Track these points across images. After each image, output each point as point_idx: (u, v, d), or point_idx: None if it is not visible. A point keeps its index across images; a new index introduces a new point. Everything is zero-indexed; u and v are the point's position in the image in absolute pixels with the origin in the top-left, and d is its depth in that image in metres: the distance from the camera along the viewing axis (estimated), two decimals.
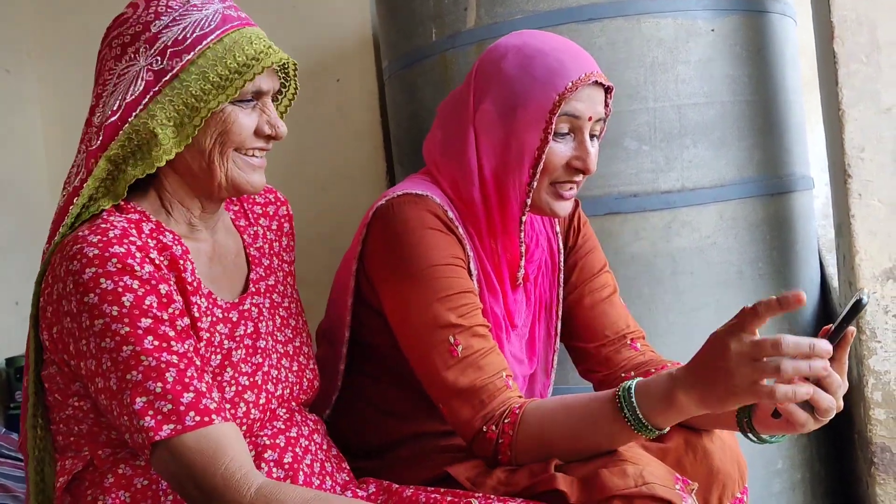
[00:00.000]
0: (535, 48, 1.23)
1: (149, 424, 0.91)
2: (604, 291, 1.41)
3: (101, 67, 1.06)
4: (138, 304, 0.94)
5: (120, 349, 0.92)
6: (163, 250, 1.01)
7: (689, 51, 1.88)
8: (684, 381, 1.03)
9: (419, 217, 1.21)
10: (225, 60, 1.03)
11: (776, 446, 1.95)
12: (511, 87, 1.22)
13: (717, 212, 1.89)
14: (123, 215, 1.03)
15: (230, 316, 1.09)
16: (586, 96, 1.22)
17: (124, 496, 1.00)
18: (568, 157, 1.24)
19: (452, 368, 1.16)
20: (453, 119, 1.30)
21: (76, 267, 0.94)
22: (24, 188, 3.24)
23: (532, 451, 1.14)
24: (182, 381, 0.93)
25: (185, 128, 1.02)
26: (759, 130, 1.95)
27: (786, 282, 1.98)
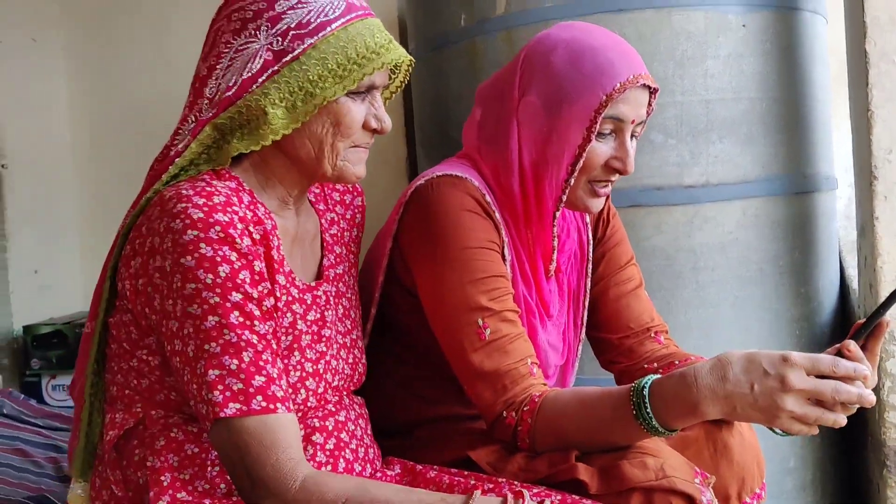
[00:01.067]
0: (586, 44, 1.22)
1: (217, 399, 0.92)
2: (629, 284, 1.42)
3: (216, 39, 1.05)
4: (232, 277, 0.94)
5: (205, 318, 0.93)
6: (258, 223, 1.01)
7: (719, 45, 1.87)
8: (712, 395, 1.04)
9: (457, 199, 1.21)
10: (346, 50, 1.02)
11: (789, 445, 1.95)
12: (558, 82, 1.22)
13: (740, 208, 1.89)
14: (222, 182, 1.03)
15: (305, 298, 1.09)
16: (633, 98, 1.22)
17: (173, 460, 1.01)
18: (607, 156, 1.24)
19: (479, 351, 1.17)
20: (496, 105, 1.30)
21: (178, 226, 0.94)
22: (46, 158, 3.26)
23: (549, 440, 1.15)
24: (256, 364, 0.94)
25: (297, 111, 1.02)
26: (785, 128, 1.95)
27: (806, 281, 1.98)
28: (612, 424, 1.11)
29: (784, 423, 1.03)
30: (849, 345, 1.04)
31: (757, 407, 1.03)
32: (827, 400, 1.01)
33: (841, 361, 1.01)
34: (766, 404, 1.02)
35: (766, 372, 1.02)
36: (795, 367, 1.01)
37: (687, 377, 1.06)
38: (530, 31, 1.88)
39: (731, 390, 1.03)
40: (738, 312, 1.89)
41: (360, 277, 1.36)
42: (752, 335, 1.89)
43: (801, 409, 1.01)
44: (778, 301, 1.93)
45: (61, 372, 2.93)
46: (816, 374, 1.01)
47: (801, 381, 1.00)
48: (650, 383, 1.09)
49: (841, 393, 1.00)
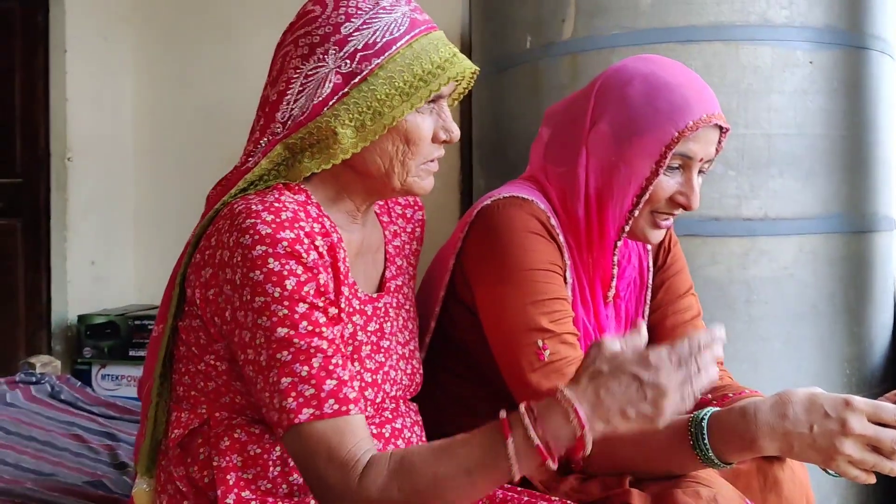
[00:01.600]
0: (663, 80, 1.24)
1: (291, 406, 0.94)
2: (687, 314, 1.43)
3: (285, 64, 1.07)
4: (298, 290, 0.97)
5: (275, 329, 0.95)
6: (325, 236, 1.03)
7: (785, 80, 1.88)
8: (771, 431, 1.05)
9: (522, 220, 1.23)
10: (413, 67, 1.03)
11: (832, 485, 1.93)
12: (632, 114, 1.23)
13: (797, 244, 1.89)
14: (292, 195, 1.05)
15: (366, 309, 1.11)
16: (703, 137, 1.23)
17: (236, 460, 1.03)
18: (673, 191, 1.25)
19: (537, 372, 1.19)
20: (566, 129, 1.32)
21: (247, 242, 0.97)
22: (108, 152, 3.35)
23: (603, 463, 1.16)
24: (326, 368, 0.96)
25: (366, 131, 1.03)
26: (847, 166, 1.94)
27: (859, 321, 1.97)
28: (668, 453, 1.12)
29: (840, 466, 1.03)
30: None
31: (815, 447, 1.03)
32: (885, 448, 1.01)
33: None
34: (824, 446, 1.03)
35: (828, 414, 1.02)
36: (857, 412, 1.01)
37: (747, 412, 1.07)
38: (595, 58, 1.91)
39: (790, 429, 1.04)
40: (788, 348, 1.88)
41: (420, 291, 1.39)
42: (802, 372, 1.89)
43: (858, 454, 1.02)
44: (830, 339, 1.92)
45: (111, 362, 3.01)
46: (877, 421, 1.02)
47: (861, 426, 1.01)
48: (709, 416, 1.10)
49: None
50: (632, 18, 1.90)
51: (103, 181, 3.33)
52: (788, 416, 1.04)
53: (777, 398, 1.07)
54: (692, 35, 1.87)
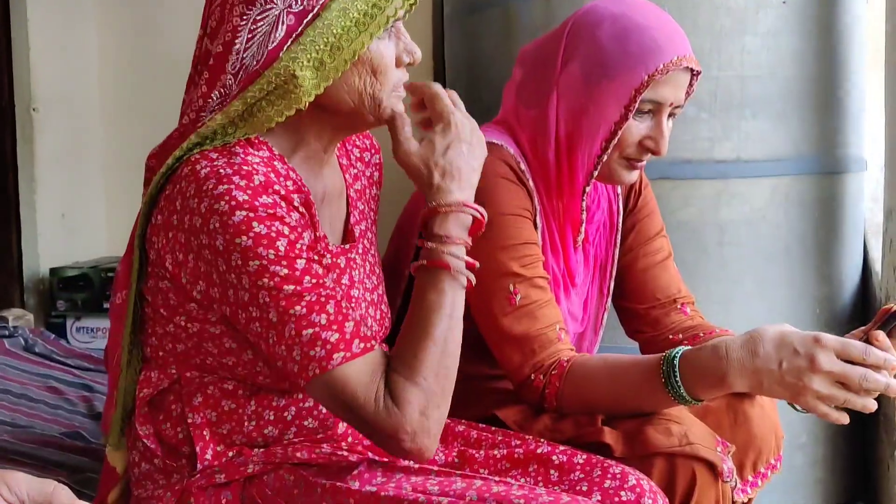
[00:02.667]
0: (634, 22, 1.23)
1: (319, 354, 0.94)
2: (658, 255, 1.44)
3: (227, 13, 1.01)
4: (292, 248, 0.96)
5: (280, 288, 0.94)
6: (299, 192, 1.01)
7: (758, 21, 1.87)
8: (741, 368, 1.07)
9: (492, 165, 1.22)
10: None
11: (801, 421, 1.98)
12: (602, 57, 1.22)
13: (769, 186, 1.90)
14: (254, 150, 1.01)
15: (338, 262, 1.09)
16: (674, 80, 1.22)
17: (211, 415, 1.03)
18: (642, 136, 1.25)
19: (509, 315, 1.20)
20: (537, 71, 1.31)
21: (224, 208, 0.94)
22: (75, 103, 3.28)
23: (576, 404, 1.18)
24: (342, 312, 0.96)
25: (327, 68, 0.99)
26: (818, 108, 1.95)
27: (829, 262, 1.99)
28: (640, 391, 1.14)
29: (809, 402, 1.06)
30: (878, 335, 1.06)
31: (783, 384, 1.05)
32: (853, 385, 1.03)
33: (872, 350, 1.03)
34: (792, 382, 1.05)
35: (797, 351, 1.04)
36: (826, 349, 1.03)
37: (718, 350, 1.08)
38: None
39: (760, 366, 1.06)
40: (760, 289, 1.91)
41: (393, 239, 1.38)
42: (773, 312, 1.91)
43: (827, 390, 1.04)
44: (801, 280, 1.95)
45: (86, 314, 2.99)
46: (846, 358, 1.03)
47: (829, 363, 1.03)
48: (681, 354, 1.11)
49: (869, 381, 1.02)
50: None
51: (71, 132, 3.27)
52: (758, 353, 1.06)
53: (748, 336, 1.09)
54: None
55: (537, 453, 1.09)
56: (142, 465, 1.07)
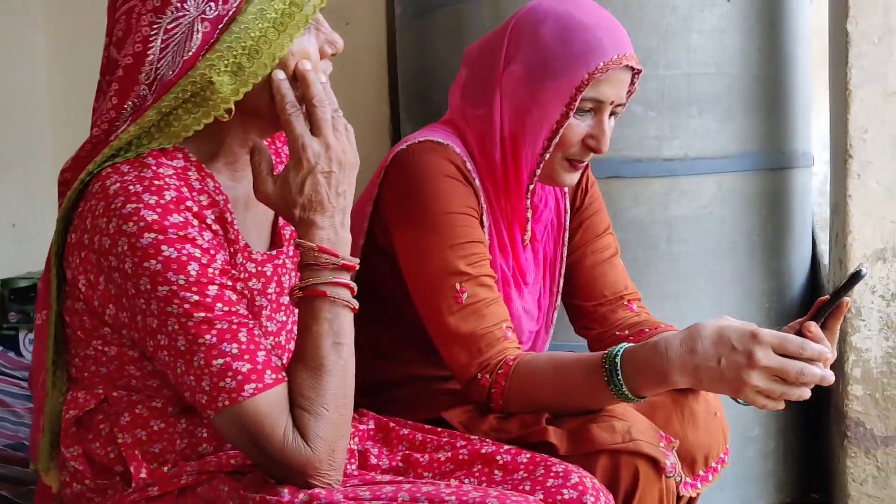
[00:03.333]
0: (576, 20, 1.23)
1: (230, 385, 0.91)
2: (605, 252, 1.45)
3: (135, 23, 0.95)
4: (204, 273, 0.92)
5: (189, 315, 0.91)
6: (212, 206, 0.97)
7: (704, 20, 1.89)
8: (681, 365, 1.08)
9: (438, 164, 1.23)
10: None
11: (753, 414, 2.00)
12: (544, 56, 1.23)
13: (716, 182, 1.92)
14: (168, 160, 0.97)
15: (264, 270, 1.06)
16: (615, 79, 1.23)
17: (140, 434, 1.00)
18: (584, 134, 1.26)
19: (455, 314, 1.20)
20: (482, 70, 1.31)
21: (133, 229, 0.91)
22: (23, 111, 3.23)
23: (522, 403, 1.19)
24: (254, 340, 0.93)
25: (245, 73, 0.95)
26: (764, 105, 1.97)
27: (778, 256, 2.02)
28: (584, 389, 1.14)
29: (749, 396, 1.07)
30: (810, 326, 1.08)
31: (723, 380, 1.07)
32: (790, 379, 1.05)
33: (808, 344, 1.05)
34: (731, 377, 1.06)
35: (734, 347, 1.05)
36: (763, 344, 1.04)
37: (658, 347, 1.10)
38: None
39: (699, 362, 1.07)
40: (709, 285, 1.93)
41: None
42: (723, 307, 1.93)
43: (765, 384, 1.05)
44: (749, 274, 1.97)
45: None
46: (783, 352, 1.05)
47: (767, 358, 1.04)
48: (622, 351, 1.12)
49: (805, 374, 1.04)
50: None
51: (20, 141, 3.21)
52: (697, 350, 1.07)
53: (687, 332, 1.10)
54: None
55: (482, 453, 1.09)
56: (73, 486, 1.03)
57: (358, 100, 2.84)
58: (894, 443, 1.90)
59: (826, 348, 1.06)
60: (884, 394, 1.89)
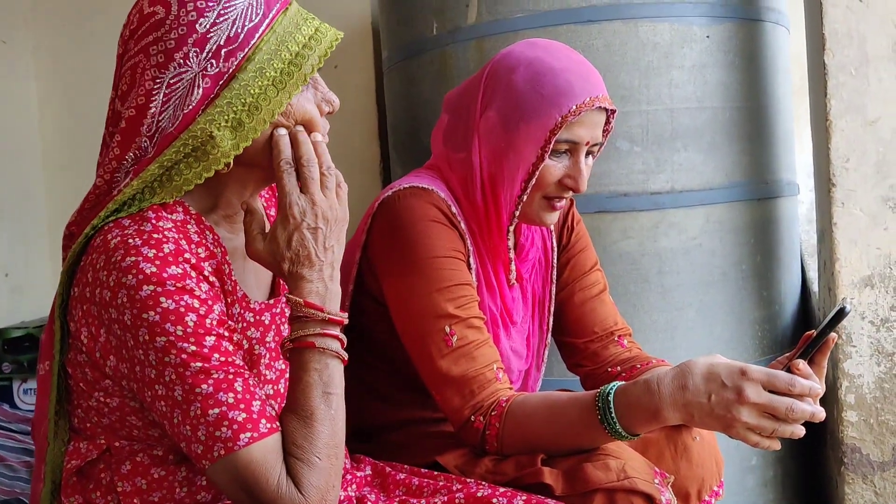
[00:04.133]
0: (547, 65, 1.26)
1: (226, 434, 0.92)
2: (594, 289, 1.46)
3: (139, 77, 0.98)
4: (201, 324, 0.94)
5: (187, 365, 0.92)
6: (210, 258, 1.00)
7: (684, 56, 1.92)
8: (673, 402, 1.09)
9: (423, 209, 1.25)
10: (280, 53, 0.98)
11: None
12: (517, 101, 1.26)
13: (704, 214, 1.94)
14: (167, 214, 1.00)
15: (262, 319, 1.08)
16: (588, 121, 1.26)
17: (140, 483, 1.01)
18: (561, 175, 1.28)
19: (446, 357, 1.21)
20: (461, 117, 1.34)
21: (132, 282, 0.93)
22: (16, 158, 3.24)
23: (517, 443, 1.19)
24: (249, 390, 0.94)
25: (245, 129, 0.98)
26: (748, 136, 2.00)
27: (768, 285, 2.04)
28: (578, 429, 1.15)
29: (739, 432, 1.08)
30: (798, 363, 1.08)
31: (714, 416, 1.07)
32: (780, 415, 1.06)
33: (797, 380, 1.05)
34: (721, 413, 1.06)
35: (724, 384, 1.06)
36: (752, 381, 1.05)
37: (650, 384, 1.10)
38: (500, 41, 1.92)
39: (690, 399, 1.08)
40: (701, 315, 1.94)
41: None
42: (716, 338, 1.95)
43: (755, 420, 1.06)
44: (740, 304, 1.99)
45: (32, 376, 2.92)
46: (772, 389, 1.05)
47: (756, 395, 1.05)
48: (615, 390, 1.13)
49: (795, 411, 1.05)
50: (533, 1, 1.92)
51: (13, 189, 3.22)
52: (688, 386, 1.08)
53: (678, 370, 1.11)
54: (592, 15, 1.89)
55: (478, 497, 1.09)
56: None
57: (348, 142, 2.88)
58: (891, 468, 1.90)
59: (816, 384, 1.07)
60: (878, 419, 1.90)
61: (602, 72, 1.86)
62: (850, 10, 1.88)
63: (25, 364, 2.92)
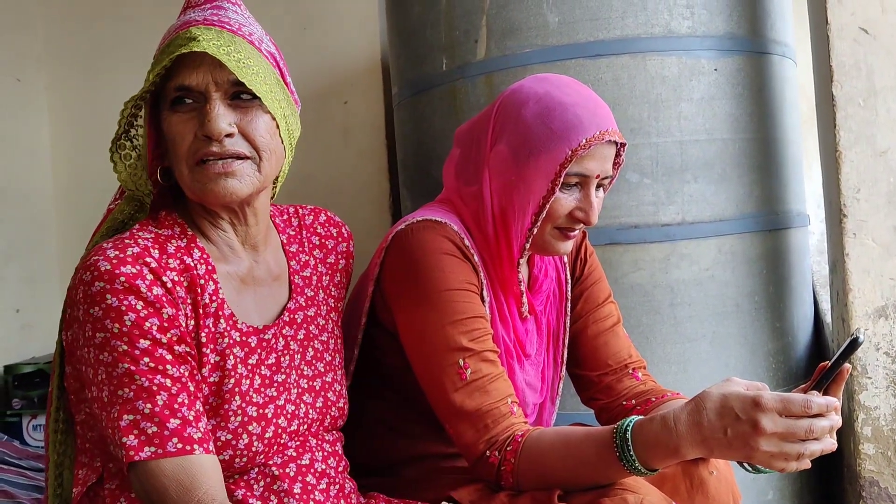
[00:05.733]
0: (557, 100, 1.27)
1: (131, 443, 0.93)
2: (608, 321, 1.46)
3: None
4: (139, 325, 0.95)
5: (116, 365, 0.94)
6: (184, 271, 1.02)
7: (693, 89, 1.93)
8: (690, 439, 1.07)
9: (436, 242, 1.25)
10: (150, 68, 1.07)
11: (767, 478, 1.98)
12: (527, 135, 1.27)
13: (715, 245, 1.94)
14: (156, 229, 1.05)
15: (248, 341, 1.09)
16: (598, 154, 1.26)
17: None
18: (572, 207, 1.29)
19: (460, 391, 1.20)
20: (472, 151, 1.35)
21: (88, 278, 0.97)
22: (28, 195, 3.27)
23: (532, 479, 1.18)
24: (171, 406, 0.95)
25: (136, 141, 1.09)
26: (758, 167, 2.01)
27: (781, 316, 2.03)
28: (595, 465, 1.14)
29: (764, 461, 1.05)
30: (813, 395, 1.06)
31: (732, 448, 1.06)
32: (801, 438, 1.03)
33: (813, 399, 1.03)
34: (739, 446, 1.05)
35: (738, 417, 1.04)
36: (767, 412, 1.03)
37: (667, 422, 1.09)
38: (510, 76, 1.94)
39: (708, 435, 1.06)
40: (714, 347, 1.93)
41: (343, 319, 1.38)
42: (729, 369, 1.93)
43: (777, 448, 1.04)
44: (754, 335, 1.97)
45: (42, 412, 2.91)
46: (788, 414, 1.04)
47: (772, 424, 1.03)
48: (632, 426, 1.12)
49: (815, 430, 1.03)
50: (542, 37, 1.94)
51: (25, 226, 3.24)
52: (703, 423, 1.06)
53: (693, 404, 1.09)
54: (600, 49, 1.91)
55: None
56: None
57: (359, 176, 2.90)
58: None
59: (832, 398, 1.05)
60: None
61: (611, 105, 1.88)
62: (857, 42, 1.89)
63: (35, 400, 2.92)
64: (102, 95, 3.29)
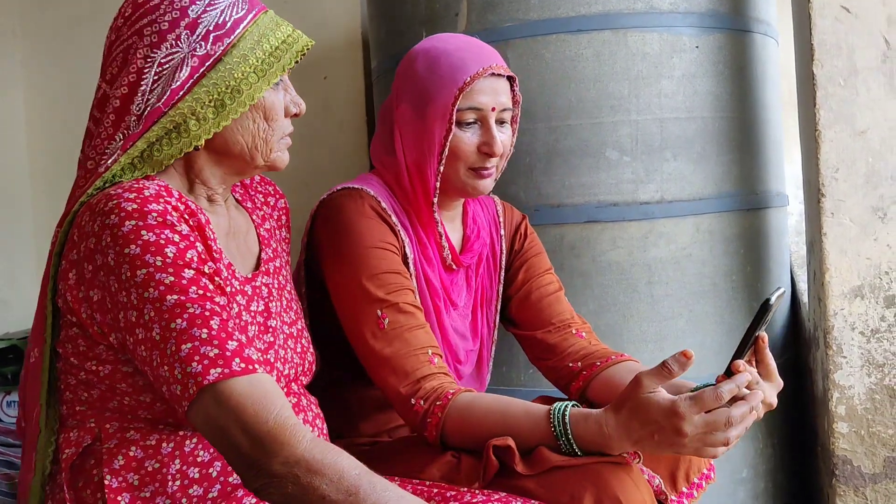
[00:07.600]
0: (441, 50, 1.38)
1: (196, 370, 0.91)
2: (550, 287, 1.55)
3: (131, 57, 1.06)
4: (181, 256, 0.96)
5: (164, 298, 0.93)
6: (192, 215, 1.04)
7: (674, 66, 1.92)
8: (621, 443, 1.12)
9: (354, 207, 1.35)
10: (262, 45, 1.08)
11: (741, 456, 1.99)
12: (421, 88, 1.37)
13: (693, 224, 1.94)
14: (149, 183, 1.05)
15: (245, 289, 1.13)
16: (488, 88, 1.36)
17: (132, 478, 1.00)
18: (476, 143, 1.37)
19: (379, 339, 1.27)
20: (384, 120, 1.45)
21: (114, 221, 0.96)
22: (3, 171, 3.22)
23: (459, 438, 1.22)
24: (226, 329, 0.95)
25: (227, 109, 1.06)
26: (737, 147, 2.00)
27: (758, 295, 2.03)
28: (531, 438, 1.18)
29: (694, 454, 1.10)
30: (738, 365, 1.11)
31: (662, 448, 1.11)
32: (723, 428, 1.07)
33: (722, 388, 1.07)
34: (669, 446, 1.10)
35: (661, 425, 1.08)
36: (684, 418, 1.07)
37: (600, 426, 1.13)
38: None
39: (637, 439, 1.11)
40: (691, 325, 1.93)
41: None
42: (706, 348, 1.94)
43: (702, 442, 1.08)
44: (730, 315, 1.98)
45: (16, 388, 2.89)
46: (705, 409, 1.07)
47: (692, 427, 1.07)
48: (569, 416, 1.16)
49: (735, 417, 1.07)
50: (523, 11, 1.92)
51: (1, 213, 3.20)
52: (632, 429, 1.11)
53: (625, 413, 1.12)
54: (582, 25, 1.90)
55: None
56: None
57: (338, 149, 2.87)
58: (882, 479, 1.89)
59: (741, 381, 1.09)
60: (869, 430, 1.89)
61: (592, 81, 1.88)
62: (838, 21, 1.89)
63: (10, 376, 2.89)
64: (78, 69, 3.23)
